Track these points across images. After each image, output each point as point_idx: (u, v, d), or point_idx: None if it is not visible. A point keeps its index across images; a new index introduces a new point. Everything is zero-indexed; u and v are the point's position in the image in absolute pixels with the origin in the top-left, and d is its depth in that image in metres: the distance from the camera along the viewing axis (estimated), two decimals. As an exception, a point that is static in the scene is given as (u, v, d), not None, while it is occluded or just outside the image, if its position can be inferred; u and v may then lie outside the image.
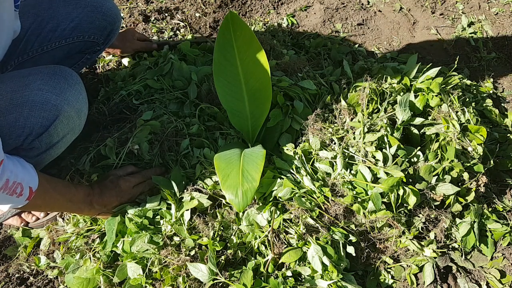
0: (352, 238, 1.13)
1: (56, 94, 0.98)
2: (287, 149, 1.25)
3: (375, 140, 1.22)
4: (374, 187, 1.13)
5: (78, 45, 1.33)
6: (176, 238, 1.11)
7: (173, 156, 1.27)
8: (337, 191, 1.17)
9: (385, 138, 1.22)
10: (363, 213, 1.14)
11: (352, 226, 1.15)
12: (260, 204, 1.16)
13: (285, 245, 1.11)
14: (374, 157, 1.20)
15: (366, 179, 1.16)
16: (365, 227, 1.16)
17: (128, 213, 1.15)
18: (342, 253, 1.10)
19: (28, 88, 0.96)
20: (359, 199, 1.15)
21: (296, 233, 1.11)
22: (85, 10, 1.28)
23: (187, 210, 1.13)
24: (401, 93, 1.37)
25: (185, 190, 1.17)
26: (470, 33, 1.96)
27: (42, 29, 1.24)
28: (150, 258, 1.07)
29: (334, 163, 1.21)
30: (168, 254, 1.06)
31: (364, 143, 1.22)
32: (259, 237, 1.11)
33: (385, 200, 1.13)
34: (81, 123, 1.08)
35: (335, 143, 1.25)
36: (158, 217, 1.16)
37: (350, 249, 1.12)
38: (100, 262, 1.10)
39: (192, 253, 1.08)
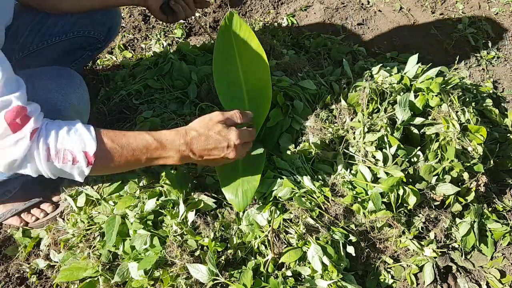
0: (352, 238, 1.13)
1: (62, 94, 0.99)
2: (287, 149, 1.25)
3: (375, 140, 1.22)
4: (374, 187, 1.13)
5: (78, 40, 1.34)
6: (178, 239, 1.10)
7: None
8: (337, 191, 1.17)
9: (385, 138, 1.22)
10: (363, 213, 1.14)
11: (352, 226, 1.15)
12: (260, 204, 1.16)
13: (285, 245, 1.11)
14: (374, 157, 1.20)
15: (366, 179, 1.16)
16: (365, 227, 1.16)
17: (128, 217, 1.14)
18: (342, 253, 1.10)
19: (34, 88, 0.96)
20: (359, 199, 1.15)
21: (296, 233, 1.11)
22: None
23: (192, 211, 1.12)
24: (401, 93, 1.36)
25: (192, 193, 1.17)
26: (470, 33, 1.96)
27: (43, 24, 1.25)
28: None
29: (334, 163, 1.21)
30: (170, 256, 1.06)
31: (364, 143, 1.22)
32: (259, 237, 1.10)
33: (385, 200, 1.13)
34: None
35: (335, 143, 1.25)
36: (160, 218, 1.15)
37: (350, 249, 1.12)
38: (100, 261, 1.10)
39: (196, 254, 1.07)
